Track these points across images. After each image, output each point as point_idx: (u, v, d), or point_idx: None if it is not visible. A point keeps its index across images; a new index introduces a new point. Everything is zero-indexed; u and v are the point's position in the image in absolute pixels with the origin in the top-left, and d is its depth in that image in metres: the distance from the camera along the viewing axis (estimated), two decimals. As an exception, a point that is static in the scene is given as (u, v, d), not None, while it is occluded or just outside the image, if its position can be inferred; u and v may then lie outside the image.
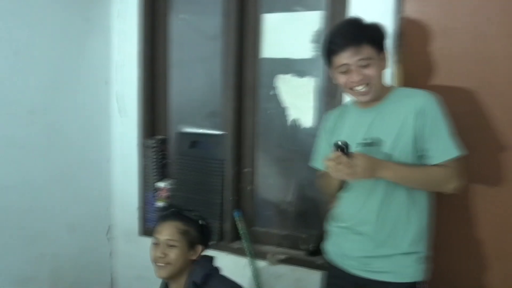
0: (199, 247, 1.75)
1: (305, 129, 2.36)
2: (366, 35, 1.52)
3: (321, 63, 2.24)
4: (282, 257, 2.34)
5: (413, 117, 1.50)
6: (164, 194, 2.64)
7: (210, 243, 1.84)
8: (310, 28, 2.29)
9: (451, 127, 1.52)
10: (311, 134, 2.34)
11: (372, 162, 1.43)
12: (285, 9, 2.36)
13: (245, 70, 2.45)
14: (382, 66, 1.56)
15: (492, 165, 1.83)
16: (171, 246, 1.69)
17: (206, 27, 2.59)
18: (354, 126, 1.64)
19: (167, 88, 2.73)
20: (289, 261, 2.33)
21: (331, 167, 1.43)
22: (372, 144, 1.55)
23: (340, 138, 1.55)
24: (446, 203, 1.82)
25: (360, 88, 1.54)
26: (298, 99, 2.36)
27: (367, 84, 1.53)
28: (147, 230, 2.76)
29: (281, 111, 2.41)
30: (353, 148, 1.53)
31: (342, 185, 1.69)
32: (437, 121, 1.50)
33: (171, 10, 2.67)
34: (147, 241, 2.73)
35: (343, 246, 1.70)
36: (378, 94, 1.57)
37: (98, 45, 2.67)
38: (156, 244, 1.72)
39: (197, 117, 2.66)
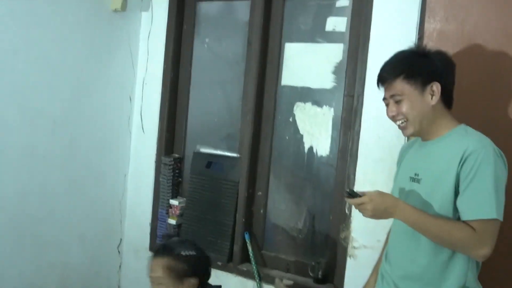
0: (191, 281, 1.70)
1: (320, 157, 2.40)
2: (401, 70, 1.47)
3: (339, 93, 2.31)
4: (290, 282, 2.34)
5: (458, 162, 1.37)
6: (176, 211, 2.68)
7: (207, 273, 1.78)
8: (330, 60, 2.35)
9: (497, 185, 1.33)
10: (326, 163, 2.38)
11: (384, 204, 1.37)
12: (308, 40, 2.43)
13: (265, 96, 2.51)
14: (424, 101, 1.46)
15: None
16: (159, 284, 1.68)
17: (229, 52, 2.67)
18: (410, 159, 1.61)
19: (187, 108, 2.79)
20: (297, 287, 2.34)
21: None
22: (417, 181, 1.49)
23: (400, 170, 1.59)
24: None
25: (399, 122, 1.51)
26: (315, 128, 2.41)
27: (406, 120, 1.48)
28: (157, 246, 2.79)
29: (298, 139, 2.45)
30: (404, 182, 1.54)
31: None
32: (482, 171, 1.33)
33: (197, 34, 2.76)
34: (157, 257, 2.79)
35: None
36: (422, 129, 1.49)
37: (124, 62, 2.75)
38: (151, 282, 1.73)
39: (214, 138, 2.71)
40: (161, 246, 1.78)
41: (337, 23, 2.34)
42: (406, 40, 2.04)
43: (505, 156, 1.41)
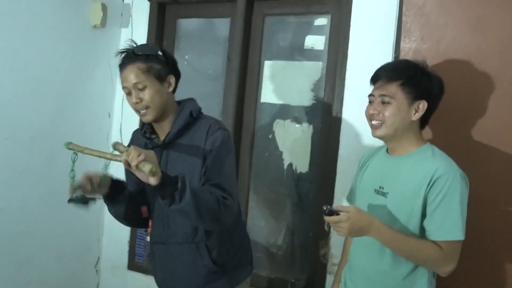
0: (171, 77, 1.64)
1: (300, 174, 2.41)
2: (402, 75, 1.48)
3: (318, 111, 2.33)
4: (269, 300, 2.34)
5: (427, 184, 1.41)
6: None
7: (178, 71, 1.70)
8: (309, 77, 2.38)
9: (462, 207, 1.40)
10: (306, 179, 2.39)
11: (360, 223, 1.38)
12: (287, 58, 2.46)
13: (245, 112, 2.52)
14: (408, 113, 1.48)
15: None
16: (142, 88, 1.56)
17: (209, 68, 2.68)
18: (375, 170, 1.63)
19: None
20: (276, 304, 2.33)
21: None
22: (383, 194, 1.52)
23: (363, 179, 1.61)
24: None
25: (374, 122, 1.52)
26: (294, 144, 2.42)
27: (382, 122, 1.50)
28: (135, 265, 2.75)
29: (278, 155, 2.46)
30: (368, 193, 1.56)
31: None
32: (449, 195, 1.39)
33: (177, 50, 2.77)
34: (135, 276, 2.75)
35: None
36: (392, 137, 1.52)
37: (104, 78, 2.74)
38: (128, 94, 1.59)
39: (194, 154, 2.70)
40: (127, 54, 1.61)
41: (316, 41, 2.37)
42: (383, 58, 2.08)
43: (467, 177, 1.46)
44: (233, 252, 1.71)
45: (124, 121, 2.79)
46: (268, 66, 2.50)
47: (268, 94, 2.49)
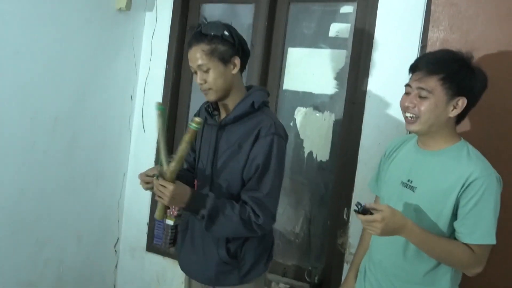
0: (235, 59, 1.62)
1: (320, 162, 2.40)
2: (444, 69, 1.40)
3: (341, 100, 2.31)
4: (287, 287, 2.35)
5: (460, 185, 1.38)
6: (174, 212, 2.67)
7: (246, 50, 1.68)
8: (333, 66, 2.36)
9: (496, 211, 1.38)
10: (326, 168, 2.38)
11: (394, 224, 1.35)
12: (311, 45, 2.44)
13: (267, 100, 2.51)
14: (446, 109, 1.41)
15: None
16: (205, 70, 1.58)
17: (232, 54, 2.68)
18: (403, 161, 1.57)
19: (188, 109, 2.80)
20: (292, 291, 2.35)
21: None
22: (411, 188, 1.48)
23: (390, 169, 1.59)
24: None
25: (409, 115, 1.45)
26: (315, 133, 2.41)
27: (417, 117, 1.43)
28: (153, 247, 2.79)
29: (298, 143, 2.46)
30: (394, 185, 1.53)
31: None
32: (484, 199, 1.36)
33: (201, 35, 2.76)
34: (153, 257, 2.79)
35: (363, 285, 1.68)
36: (426, 132, 1.46)
37: (127, 61, 2.75)
38: (195, 73, 1.63)
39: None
40: (194, 34, 1.63)
41: (341, 29, 2.34)
42: (409, 48, 2.06)
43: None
44: (251, 248, 1.70)
45: (146, 104, 2.81)
46: (291, 53, 2.48)
47: (291, 82, 2.48)
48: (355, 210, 1.37)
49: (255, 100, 1.64)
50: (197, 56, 1.58)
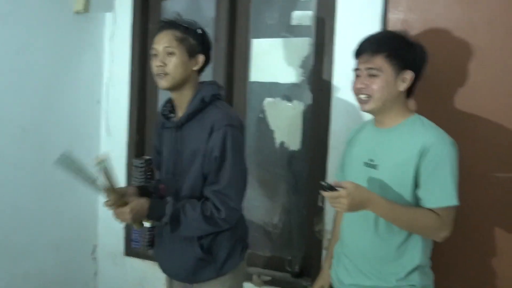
0: (200, 57, 1.66)
1: (292, 152, 2.40)
2: (386, 47, 1.48)
3: (308, 87, 2.31)
4: (268, 278, 2.35)
5: (417, 154, 1.43)
6: (151, 214, 2.64)
7: (210, 53, 1.73)
8: (298, 54, 2.35)
9: (454, 173, 1.43)
10: (298, 157, 2.38)
11: (360, 197, 1.38)
12: (274, 35, 2.42)
13: (234, 93, 2.50)
14: (395, 84, 1.48)
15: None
16: (170, 54, 1.60)
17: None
18: (364, 143, 1.62)
19: (156, 109, 2.76)
20: (275, 282, 2.34)
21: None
22: (374, 166, 1.52)
23: (352, 153, 1.63)
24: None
25: (362, 96, 1.51)
26: (285, 122, 2.41)
27: (370, 96, 1.49)
28: (132, 251, 2.75)
29: (269, 134, 2.45)
30: (358, 166, 1.56)
31: None
32: (441, 164, 1.41)
33: (163, 33, 2.72)
34: (133, 261, 2.75)
35: (337, 271, 1.69)
36: (380, 110, 1.51)
37: (90, 64, 2.70)
38: (155, 55, 1.63)
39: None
40: (170, 20, 1.67)
41: (303, 17, 2.34)
42: (371, 31, 2.04)
43: (457, 144, 1.48)
44: (224, 240, 1.70)
45: (112, 107, 2.76)
46: (256, 44, 2.46)
47: (258, 73, 2.46)
48: (320, 189, 1.40)
49: (204, 95, 1.64)
50: (167, 39, 1.61)
